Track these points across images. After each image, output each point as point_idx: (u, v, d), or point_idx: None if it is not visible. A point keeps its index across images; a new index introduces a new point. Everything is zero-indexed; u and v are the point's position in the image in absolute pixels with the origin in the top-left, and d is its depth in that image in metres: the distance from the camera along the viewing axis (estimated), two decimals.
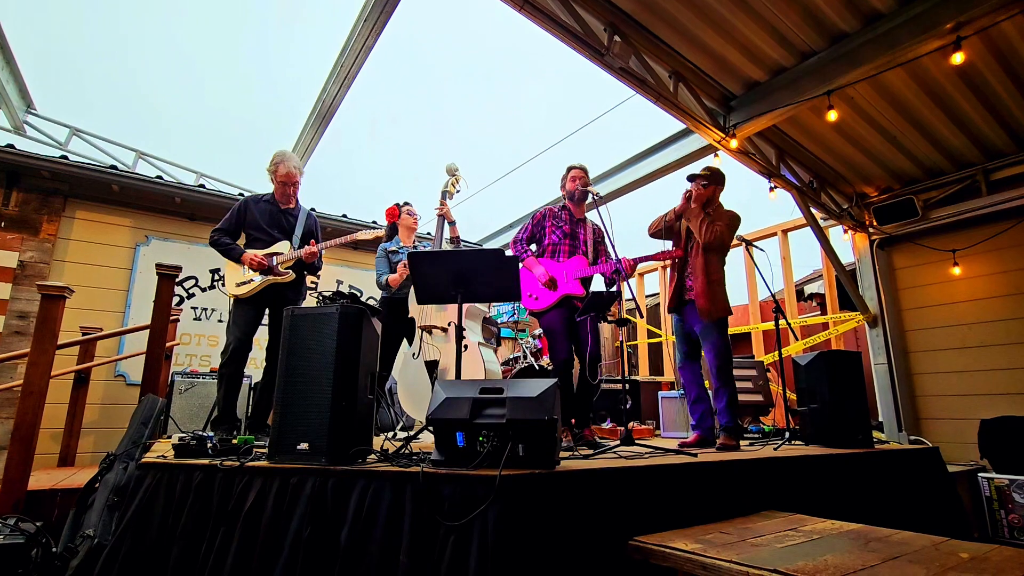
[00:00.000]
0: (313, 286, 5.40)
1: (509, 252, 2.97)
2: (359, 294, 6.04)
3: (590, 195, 3.24)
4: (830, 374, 3.28)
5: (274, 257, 3.18)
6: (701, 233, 3.18)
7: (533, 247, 3.40)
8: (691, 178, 3.33)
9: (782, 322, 3.84)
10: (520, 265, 3.33)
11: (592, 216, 3.43)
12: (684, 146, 4.77)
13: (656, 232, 3.42)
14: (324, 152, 5.56)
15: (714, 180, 3.31)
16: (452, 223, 3.67)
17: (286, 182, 3.27)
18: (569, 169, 3.41)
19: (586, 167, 3.41)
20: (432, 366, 3.25)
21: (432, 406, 1.86)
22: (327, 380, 2.01)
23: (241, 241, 3.29)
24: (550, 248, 3.30)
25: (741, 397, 3.65)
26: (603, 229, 3.29)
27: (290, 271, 3.20)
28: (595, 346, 3.17)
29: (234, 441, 2.27)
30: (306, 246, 3.20)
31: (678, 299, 3.33)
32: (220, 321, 5.37)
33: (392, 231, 3.93)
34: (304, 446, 1.97)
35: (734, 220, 3.25)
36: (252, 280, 3.13)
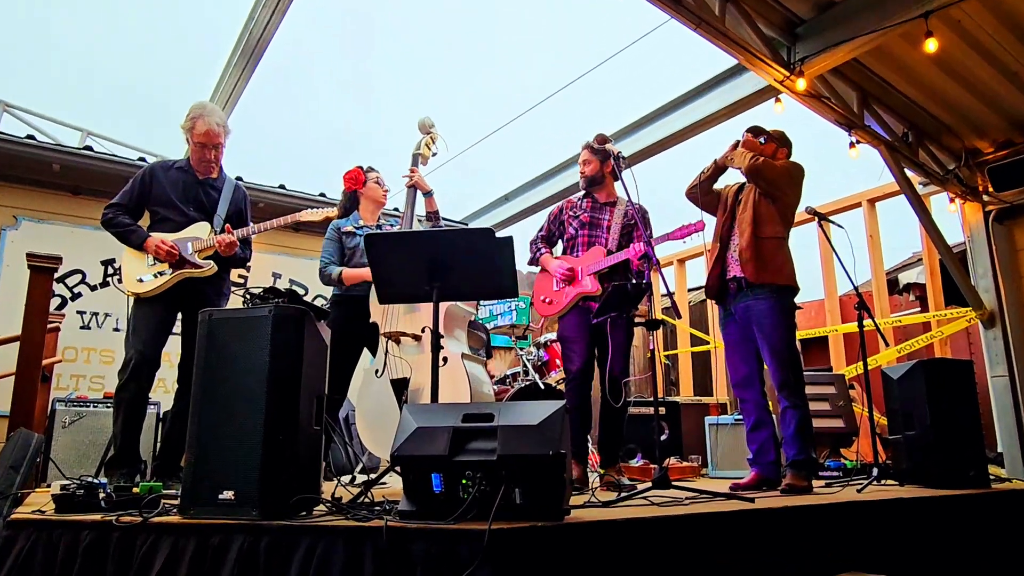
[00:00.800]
0: (241, 281, 5.40)
1: (501, 234, 2.98)
2: (303, 291, 6.04)
3: (611, 158, 3.28)
4: (932, 390, 3.30)
5: (189, 243, 3.17)
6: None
7: (559, 247, 3.63)
8: (751, 129, 3.40)
9: (868, 322, 3.85)
10: (530, 258, 3.63)
11: (624, 194, 3.45)
12: (734, 88, 4.76)
13: (692, 191, 3.49)
14: (253, 101, 5.54)
15: (778, 139, 3.39)
16: (428, 193, 3.67)
17: (205, 143, 3.26)
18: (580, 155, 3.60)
19: (593, 141, 3.49)
20: (400, 386, 3.25)
21: (399, 439, 1.86)
22: (257, 406, 2.01)
23: (145, 222, 3.27)
24: (569, 245, 3.53)
25: (816, 422, 3.66)
26: (637, 208, 3.31)
27: (211, 261, 3.20)
28: (619, 358, 3.19)
29: (135, 490, 2.27)
30: (225, 232, 3.18)
31: (720, 279, 3.36)
32: (116, 330, 5.36)
33: (351, 204, 3.91)
34: (228, 495, 1.97)
35: (796, 167, 3.33)
36: (160, 274, 3.12)
